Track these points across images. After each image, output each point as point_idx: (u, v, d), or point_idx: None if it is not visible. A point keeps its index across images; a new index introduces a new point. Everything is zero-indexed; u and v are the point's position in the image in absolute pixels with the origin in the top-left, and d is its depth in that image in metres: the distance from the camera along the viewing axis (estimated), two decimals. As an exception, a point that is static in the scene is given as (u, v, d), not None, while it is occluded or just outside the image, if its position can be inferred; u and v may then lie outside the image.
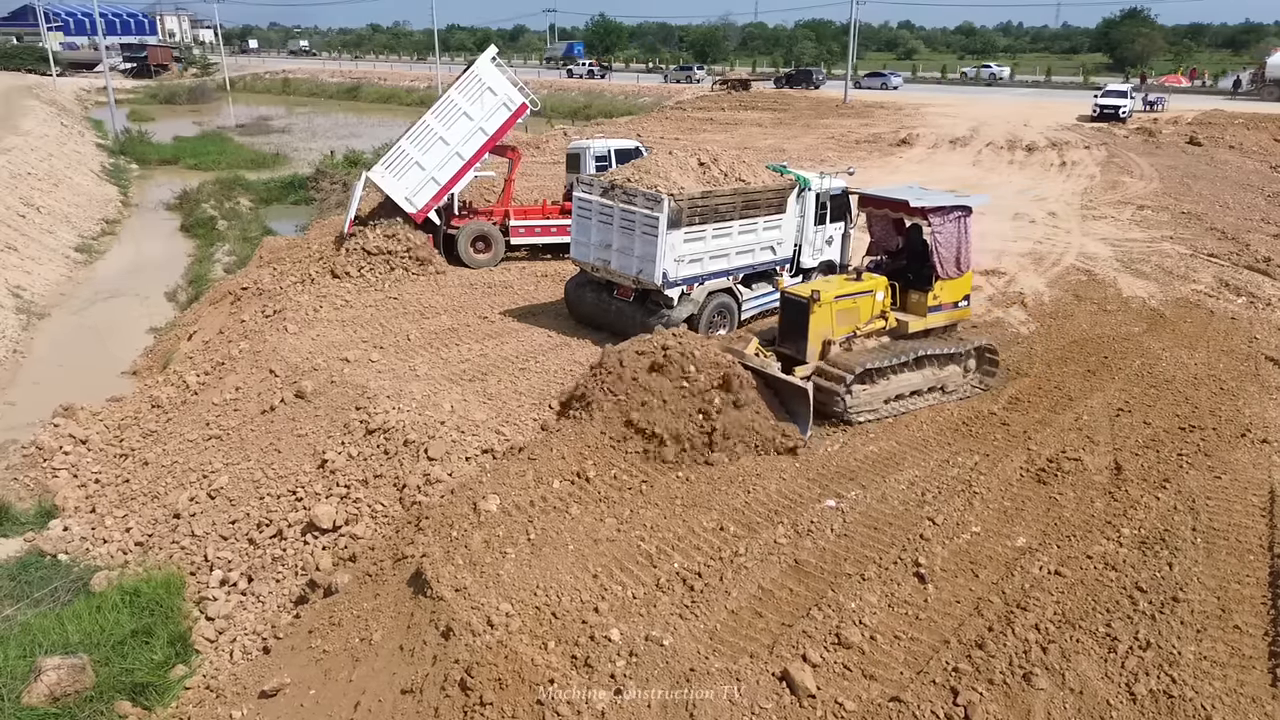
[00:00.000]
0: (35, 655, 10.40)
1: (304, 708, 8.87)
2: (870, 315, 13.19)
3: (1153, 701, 7.64)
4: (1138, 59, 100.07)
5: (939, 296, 13.55)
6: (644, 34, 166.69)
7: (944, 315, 13.80)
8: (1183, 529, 9.99)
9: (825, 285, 13.28)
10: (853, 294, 13.06)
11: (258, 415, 14.59)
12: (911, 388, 13.15)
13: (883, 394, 12.80)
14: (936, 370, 13.35)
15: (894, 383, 12.92)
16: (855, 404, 12.52)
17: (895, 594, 8.98)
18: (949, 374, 13.52)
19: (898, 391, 12.97)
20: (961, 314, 14.14)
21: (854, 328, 13.03)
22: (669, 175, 15.12)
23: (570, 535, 9.95)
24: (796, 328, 12.95)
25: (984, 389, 13.78)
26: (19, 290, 25.42)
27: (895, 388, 12.94)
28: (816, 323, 12.70)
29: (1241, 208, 27.57)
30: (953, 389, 13.56)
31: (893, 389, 12.91)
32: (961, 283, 13.82)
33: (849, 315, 13.00)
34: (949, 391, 13.52)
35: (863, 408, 12.60)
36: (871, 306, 13.19)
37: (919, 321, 13.55)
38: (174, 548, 12.65)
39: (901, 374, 12.99)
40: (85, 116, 69.22)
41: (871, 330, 13.22)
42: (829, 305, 12.74)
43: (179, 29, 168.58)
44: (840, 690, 7.79)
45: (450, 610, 8.65)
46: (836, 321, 12.88)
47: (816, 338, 12.80)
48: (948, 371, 13.51)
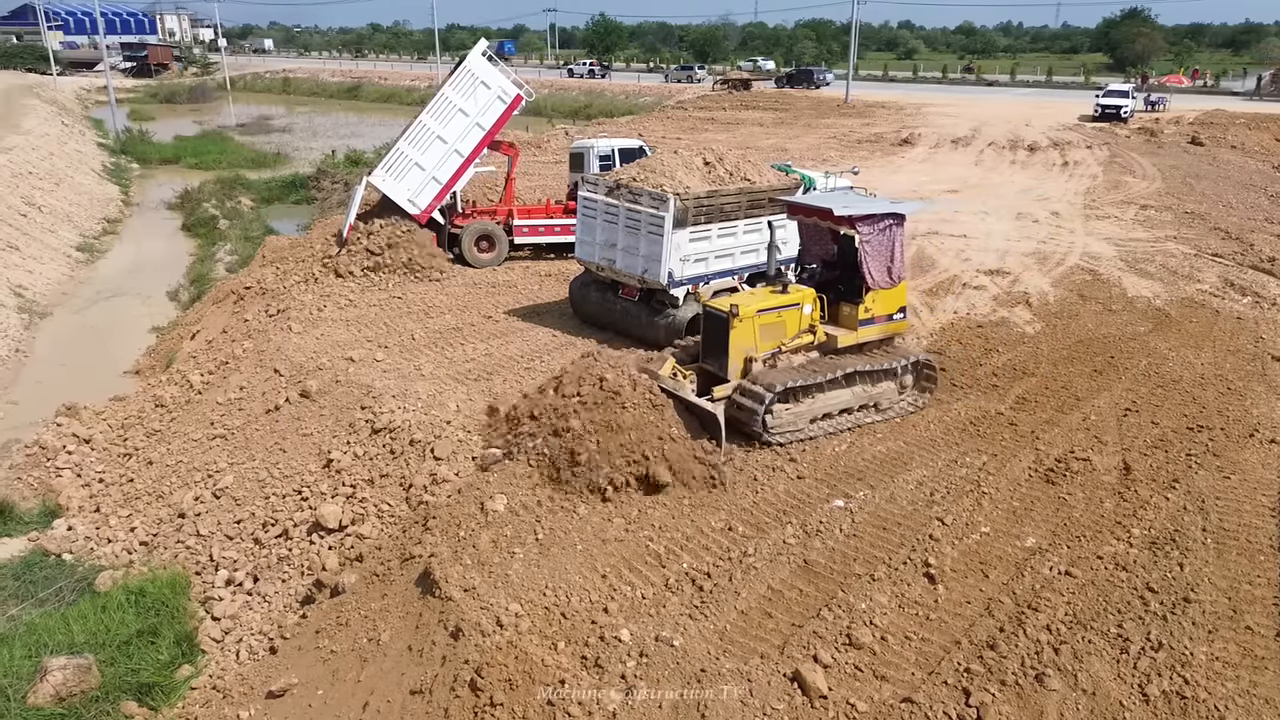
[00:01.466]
0: (41, 655, 10.38)
1: (312, 708, 8.85)
2: (797, 329, 12.44)
3: (1166, 703, 7.61)
4: (1138, 59, 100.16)
5: (871, 309, 12.73)
6: (644, 34, 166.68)
7: (877, 329, 12.96)
8: (1193, 529, 9.95)
9: (748, 298, 12.50)
10: (777, 307, 12.29)
11: (262, 415, 14.55)
12: (840, 406, 12.42)
13: (807, 413, 12.11)
14: (868, 387, 12.63)
15: (820, 401, 12.19)
16: (777, 424, 11.82)
17: (905, 594, 8.95)
18: (882, 391, 12.81)
19: (824, 410, 12.27)
20: (897, 327, 13.32)
21: (779, 343, 12.27)
22: (674, 174, 15.09)
23: (578, 535, 9.93)
24: (717, 344, 12.18)
25: (921, 406, 13.15)
26: (21, 289, 25.38)
27: (821, 406, 12.22)
28: (737, 339, 11.95)
29: (1245, 208, 27.53)
30: (886, 407, 12.86)
31: (819, 408, 12.20)
32: (895, 294, 12.99)
33: (773, 330, 12.25)
34: (883, 409, 12.82)
35: (785, 428, 11.92)
36: (798, 320, 12.43)
37: (849, 336, 12.72)
38: (179, 547, 12.62)
39: (828, 392, 12.25)
40: (85, 116, 69.16)
41: (798, 345, 12.47)
42: (750, 320, 11.98)
43: (179, 28, 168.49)
44: (852, 691, 7.76)
45: (459, 610, 8.62)
46: (760, 337, 12.12)
47: (738, 354, 12.05)
48: (881, 388, 12.78)
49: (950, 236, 23.52)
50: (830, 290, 12.95)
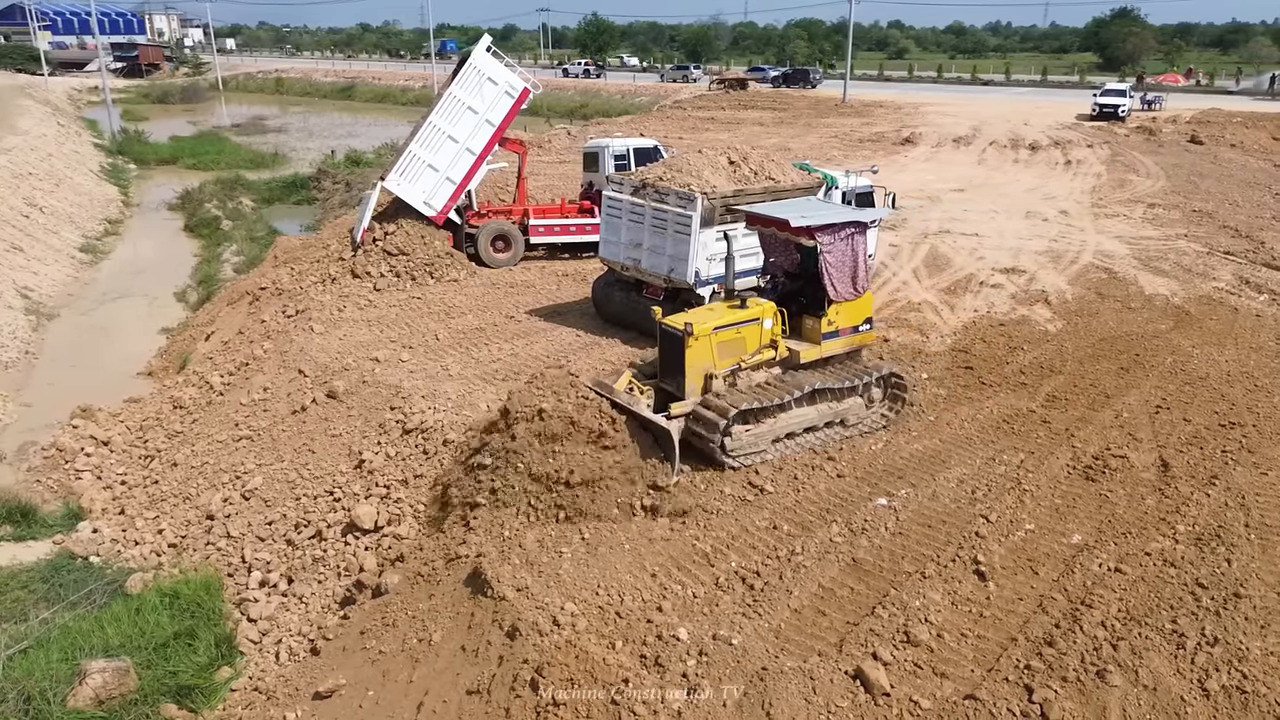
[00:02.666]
0: (77, 658, 10.32)
1: (363, 709, 8.81)
2: (758, 345, 11.81)
3: (1226, 698, 7.63)
4: (1128, 58, 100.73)
5: (835, 321, 12.15)
6: (635, 33, 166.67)
7: (842, 342, 12.36)
8: (1236, 525, 9.99)
9: (705, 315, 11.88)
10: (736, 323, 11.64)
11: (288, 415, 14.48)
12: (805, 424, 11.82)
13: (769, 433, 11.50)
14: (834, 404, 12.05)
15: (782, 420, 11.57)
16: (736, 446, 11.22)
17: (958, 592, 8.96)
18: (849, 407, 12.20)
19: (788, 429, 11.67)
20: (864, 339, 12.71)
21: (739, 360, 11.64)
22: (700, 174, 15.08)
23: (624, 535, 9.92)
24: (673, 363, 11.57)
25: (890, 422, 12.58)
26: (27, 291, 25.22)
27: (784, 425, 11.62)
28: (694, 357, 11.34)
29: (1251, 205, 27.70)
30: (854, 423, 12.26)
31: (781, 427, 11.59)
32: (861, 305, 12.40)
33: (732, 346, 11.62)
34: (850, 426, 12.23)
35: (745, 450, 11.32)
36: (759, 335, 11.80)
37: (813, 350, 12.11)
38: (209, 549, 12.57)
39: (792, 410, 11.65)
40: (79, 116, 68.73)
41: (760, 361, 11.84)
42: (707, 339, 11.36)
43: (168, 28, 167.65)
44: (914, 688, 7.76)
45: (514, 610, 8.60)
46: (718, 354, 11.51)
47: (695, 374, 11.43)
48: (848, 404, 12.18)
49: (962, 235, 23.61)
50: (793, 303, 12.41)
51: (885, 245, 20.91)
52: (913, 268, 20.66)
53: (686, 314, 12.00)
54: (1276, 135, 42.94)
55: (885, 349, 15.59)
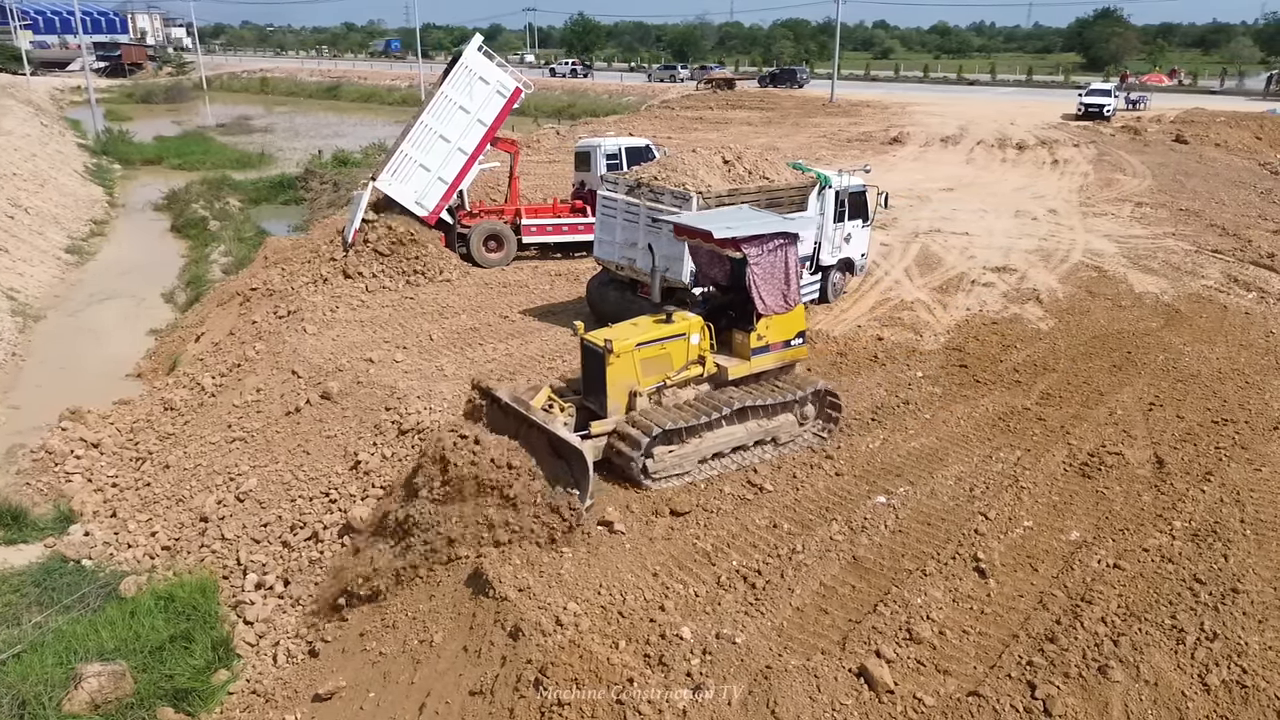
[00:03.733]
0: (72, 662, 10.25)
1: (364, 710, 8.77)
2: (684, 361, 11.37)
3: (1226, 692, 7.69)
4: (1112, 58, 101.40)
5: (765, 336, 11.72)
6: (621, 33, 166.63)
7: (772, 357, 11.94)
8: (1231, 521, 10.08)
9: (628, 330, 11.36)
10: (660, 339, 11.18)
11: (282, 417, 14.40)
12: (733, 443, 11.41)
13: (695, 454, 11.07)
14: (764, 421, 11.64)
15: (708, 440, 11.16)
16: (659, 468, 10.81)
17: (958, 589, 9.00)
18: (780, 424, 11.80)
19: (715, 449, 11.26)
20: (796, 354, 12.27)
21: (665, 376, 11.20)
22: (695, 173, 15.09)
23: (625, 534, 9.91)
24: (595, 380, 11.12)
25: (825, 440, 12.13)
26: (13, 292, 24.98)
27: (711, 445, 11.20)
28: (615, 375, 10.87)
29: (1237, 204, 27.94)
30: (786, 441, 11.88)
31: (707, 447, 11.17)
32: (793, 319, 11.97)
33: (657, 363, 11.17)
34: (781, 445, 11.85)
35: (668, 471, 10.91)
36: (685, 351, 11.36)
37: (741, 366, 11.71)
38: (204, 552, 12.47)
39: (719, 428, 11.24)
40: (61, 116, 68.14)
41: (687, 378, 11.41)
42: (629, 355, 10.90)
43: (150, 27, 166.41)
44: (917, 685, 7.78)
45: (516, 610, 8.57)
46: (641, 371, 11.05)
47: (617, 392, 10.97)
48: (779, 422, 11.78)
49: (953, 234, 23.71)
50: (723, 317, 12.00)
51: (876, 244, 20.97)
52: (904, 267, 20.74)
53: (609, 329, 11.49)
54: (1260, 134, 43.31)
55: (879, 347, 15.66)
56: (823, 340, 16.01)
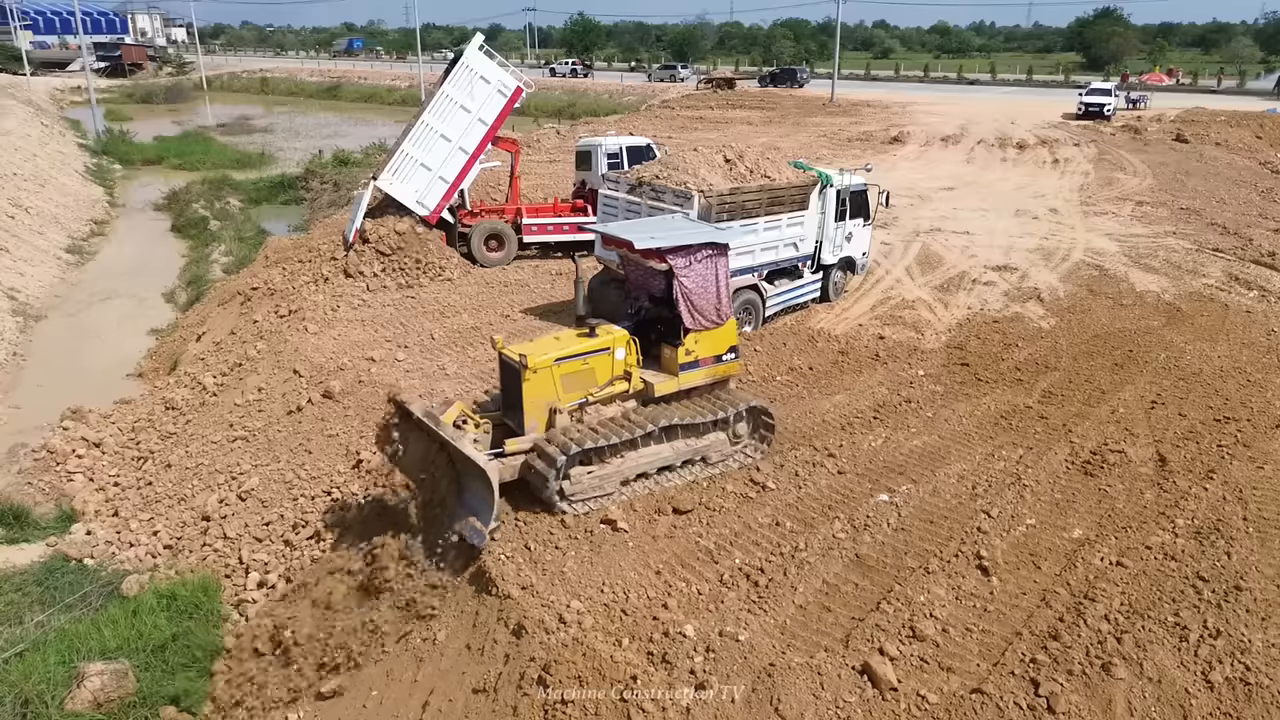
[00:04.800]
0: (74, 661, 10.23)
1: (367, 708, 8.76)
2: (608, 377, 10.79)
3: (1230, 689, 7.70)
4: (1112, 58, 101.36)
5: (694, 351, 11.12)
6: (621, 33, 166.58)
7: (702, 373, 11.32)
8: (1234, 519, 10.08)
9: (548, 345, 10.78)
10: (582, 354, 10.58)
11: (284, 416, 14.40)
12: (659, 463, 10.80)
13: (617, 475, 10.44)
14: (693, 440, 11.04)
15: (631, 460, 10.53)
16: (576, 490, 10.18)
17: (961, 586, 9.00)
18: (711, 443, 11.20)
19: (639, 470, 10.64)
20: (727, 369, 11.64)
21: (587, 392, 10.65)
22: (697, 172, 15.10)
23: (628, 532, 9.90)
24: (512, 396, 10.54)
25: (759, 459, 11.60)
26: (14, 292, 24.97)
27: (635, 465, 10.58)
28: (533, 392, 10.27)
29: (1237, 203, 27.94)
30: (716, 460, 11.29)
31: (630, 468, 10.54)
32: (724, 333, 11.41)
33: (579, 379, 10.59)
34: (712, 464, 11.27)
35: (588, 494, 10.27)
36: (609, 366, 10.77)
37: (669, 383, 11.11)
38: (206, 551, 12.46)
39: (643, 448, 10.63)
40: (62, 116, 68.11)
41: (611, 394, 10.85)
42: (548, 371, 10.30)
43: (150, 27, 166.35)
44: (920, 683, 7.79)
45: (520, 608, 8.58)
46: (562, 388, 10.46)
47: (535, 409, 10.36)
48: (709, 440, 11.19)
49: (954, 233, 23.71)
50: (652, 330, 11.45)
51: (878, 243, 20.96)
52: (905, 266, 20.73)
53: (528, 344, 10.95)
54: (1260, 134, 43.28)
55: (881, 345, 15.66)
56: (824, 339, 16.01)
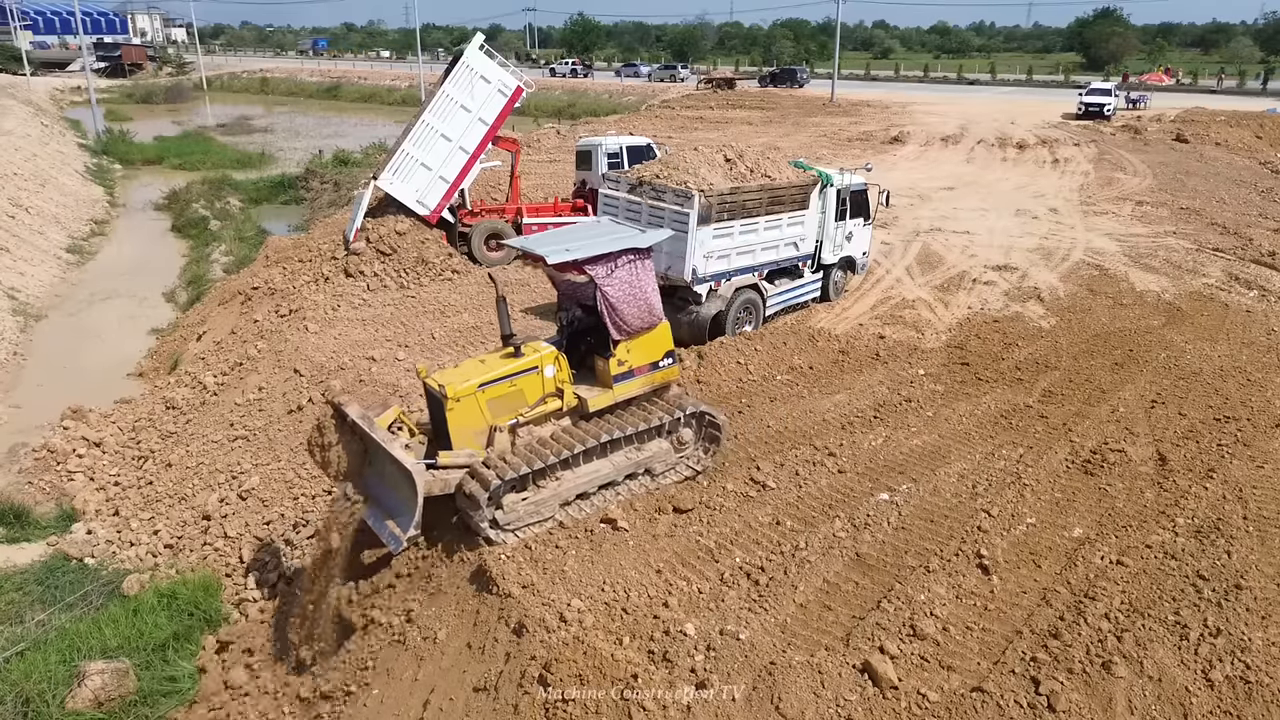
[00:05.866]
0: (75, 660, 10.25)
1: (368, 707, 8.76)
2: (539, 395, 10.28)
3: (1230, 688, 7.69)
4: (1111, 58, 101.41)
5: (627, 361, 10.57)
6: (621, 33, 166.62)
7: (639, 382, 10.78)
8: (1234, 518, 10.08)
9: (472, 369, 10.25)
10: (508, 375, 10.07)
11: (284, 415, 14.41)
12: (600, 480, 10.31)
13: (554, 498, 9.95)
14: (634, 453, 10.60)
15: (569, 481, 10.05)
16: (511, 518, 9.67)
17: (961, 585, 9.00)
18: (654, 453, 10.75)
19: (580, 489, 10.14)
20: (665, 375, 11.02)
21: (518, 414, 10.15)
22: (697, 171, 15.09)
23: (629, 531, 9.90)
24: (439, 425, 10.12)
25: (706, 466, 11.20)
26: (14, 292, 24.99)
27: (573, 486, 10.08)
28: (458, 421, 9.80)
29: (1237, 203, 27.95)
30: (662, 470, 10.83)
31: (568, 489, 10.04)
32: (658, 339, 10.83)
33: (507, 402, 10.07)
34: (658, 475, 10.81)
35: (524, 521, 9.78)
36: (539, 385, 10.25)
37: (604, 396, 10.59)
38: (206, 550, 12.48)
39: (582, 465, 10.17)
40: (62, 116, 68.14)
41: (544, 413, 10.35)
42: (472, 398, 9.81)
43: (150, 27, 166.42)
44: (921, 681, 7.78)
45: (521, 606, 8.57)
46: (490, 413, 9.96)
47: (463, 437, 9.87)
48: (651, 450, 10.73)
49: (954, 233, 23.72)
50: (582, 342, 11.03)
51: (878, 243, 20.97)
52: (905, 265, 20.74)
53: (451, 370, 10.44)
54: (1260, 134, 43.30)
55: (881, 345, 15.67)
56: (824, 338, 16.02)
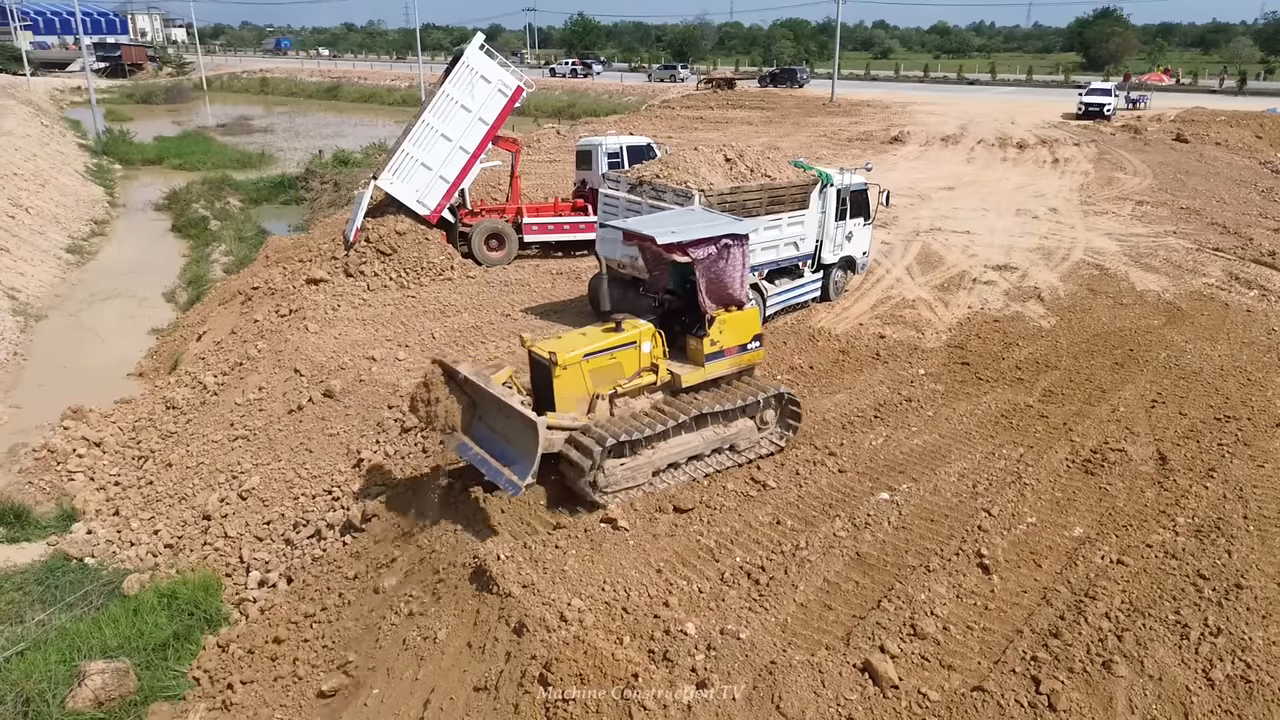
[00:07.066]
0: (75, 660, 10.26)
1: (368, 707, 8.75)
2: (636, 369, 10.94)
3: (1230, 687, 7.69)
4: (1111, 58, 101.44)
5: (719, 341, 11.27)
6: (621, 33, 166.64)
7: (728, 362, 11.49)
8: (1235, 517, 10.08)
9: (576, 340, 10.91)
10: (610, 348, 10.71)
11: (284, 415, 14.40)
12: (690, 452, 10.97)
13: (649, 465, 10.60)
14: (721, 429, 11.24)
15: (662, 451, 10.69)
16: (610, 481, 10.30)
17: (962, 584, 9.00)
18: (739, 431, 11.41)
19: (670, 460, 10.78)
20: (752, 358, 11.80)
21: (615, 385, 10.77)
22: (697, 171, 15.10)
23: (629, 531, 9.90)
24: (544, 393, 10.69)
25: (785, 445, 11.80)
26: (14, 292, 24.99)
27: (666, 456, 10.73)
28: (564, 388, 10.43)
29: (1237, 203, 27.96)
30: (745, 448, 11.49)
31: (661, 458, 10.69)
32: (748, 323, 11.59)
33: (608, 373, 10.74)
34: (740, 452, 11.44)
35: (620, 485, 10.41)
36: (636, 359, 10.92)
37: (696, 373, 11.25)
38: (207, 549, 12.48)
39: (675, 438, 10.80)
40: (62, 117, 68.15)
41: (639, 386, 10.97)
42: (578, 367, 10.46)
43: (150, 28, 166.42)
44: (922, 680, 7.78)
45: (521, 606, 8.57)
46: (592, 382, 10.63)
47: (566, 404, 10.52)
48: (737, 428, 11.39)
49: (954, 233, 23.73)
50: (676, 322, 11.63)
51: (878, 243, 20.97)
52: (905, 265, 20.74)
53: (556, 340, 11.03)
54: (1260, 134, 43.32)
55: (881, 345, 15.67)
56: (825, 338, 16.02)
